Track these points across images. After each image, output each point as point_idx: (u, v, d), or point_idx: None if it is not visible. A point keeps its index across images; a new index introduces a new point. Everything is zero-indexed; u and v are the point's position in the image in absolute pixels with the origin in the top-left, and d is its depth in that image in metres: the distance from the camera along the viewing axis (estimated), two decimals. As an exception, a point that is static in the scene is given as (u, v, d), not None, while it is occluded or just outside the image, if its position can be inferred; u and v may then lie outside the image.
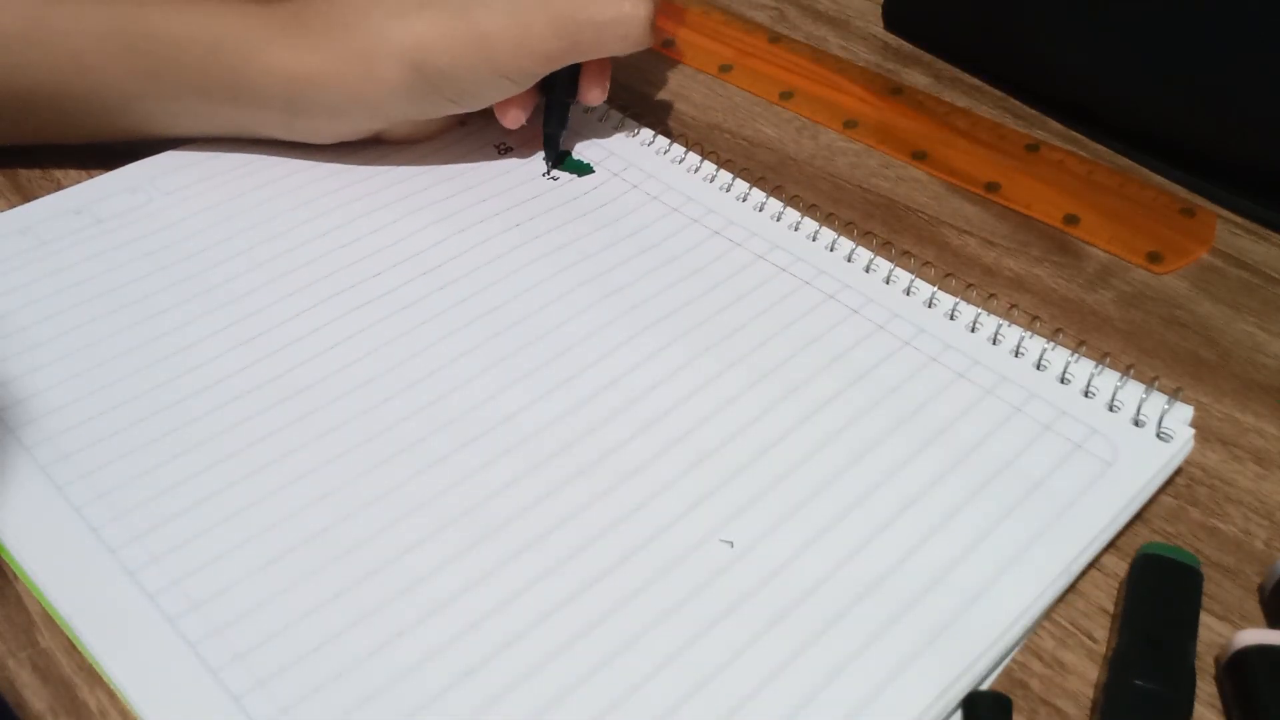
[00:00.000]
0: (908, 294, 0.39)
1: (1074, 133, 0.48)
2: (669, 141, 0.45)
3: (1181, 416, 0.34)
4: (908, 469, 0.33)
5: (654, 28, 0.40)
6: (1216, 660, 0.30)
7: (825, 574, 0.30)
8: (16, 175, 0.44)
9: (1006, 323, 0.37)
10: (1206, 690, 0.29)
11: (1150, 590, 0.30)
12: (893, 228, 0.43)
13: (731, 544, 0.31)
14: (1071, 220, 0.44)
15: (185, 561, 0.30)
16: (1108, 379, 0.35)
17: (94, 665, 0.29)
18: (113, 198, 0.42)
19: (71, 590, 0.30)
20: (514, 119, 0.43)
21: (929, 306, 0.38)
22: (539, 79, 0.41)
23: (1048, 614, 0.31)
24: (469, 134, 0.46)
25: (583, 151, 0.45)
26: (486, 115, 0.43)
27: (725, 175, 0.43)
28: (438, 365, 0.36)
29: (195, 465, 0.33)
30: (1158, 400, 0.34)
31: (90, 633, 0.29)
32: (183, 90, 0.41)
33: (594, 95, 0.43)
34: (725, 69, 0.52)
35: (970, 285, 0.40)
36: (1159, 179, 0.46)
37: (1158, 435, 0.34)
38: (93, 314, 0.37)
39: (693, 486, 0.32)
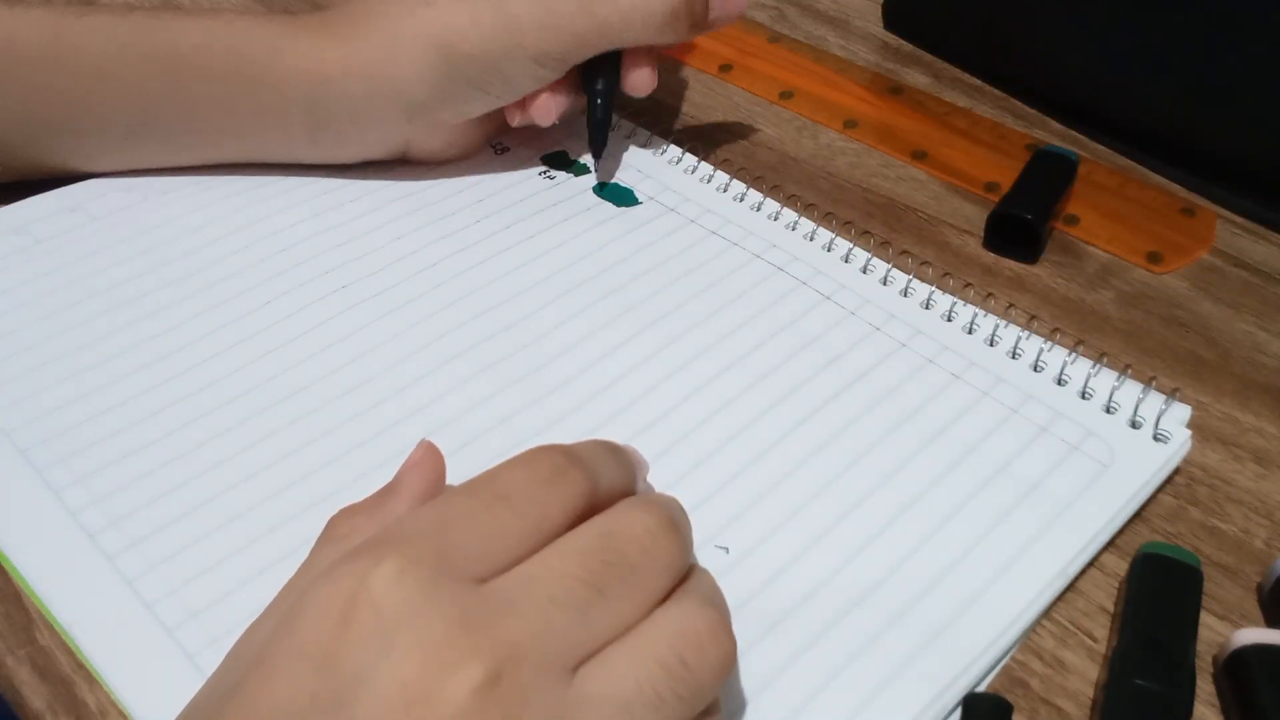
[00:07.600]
0: (905, 295, 0.38)
1: (1074, 133, 0.48)
2: (666, 141, 0.45)
3: (1179, 417, 0.34)
4: (904, 472, 0.33)
5: (689, 18, 0.40)
6: (1216, 659, 0.30)
7: (822, 578, 0.30)
8: (14, 175, 0.44)
9: (1004, 323, 0.37)
10: (1206, 690, 0.29)
11: (1150, 590, 0.30)
12: (893, 227, 0.43)
13: (727, 550, 0.31)
14: (1071, 220, 0.44)
15: (183, 569, 0.30)
16: (1105, 380, 0.35)
17: (94, 675, 0.29)
18: (107, 196, 0.42)
19: (69, 598, 0.30)
20: (544, 111, 0.41)
21: (926, 308, 0.38)
22: (570, 65, 0.40)
23: (1047, 613, 0.31)
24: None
25: (579, 152, 0.45)
26: (487, 120, 0.43)
27: (722, 175, 0.43)
28: (434, 367, 0.36)
29: (193, 469, 0.33)
30: (1155, 401, 0.34)
31: (89, 642, 0.29)
32: (204, 99, 0.40)
33: (637, 83, 0.42)
34: (725, 69, 0.52)
35: (968, 285, 0.40)
36: (1159, 179, 0.46)
37: (1154, 436, 0.34)
38: (88, 314, 0.37)
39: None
